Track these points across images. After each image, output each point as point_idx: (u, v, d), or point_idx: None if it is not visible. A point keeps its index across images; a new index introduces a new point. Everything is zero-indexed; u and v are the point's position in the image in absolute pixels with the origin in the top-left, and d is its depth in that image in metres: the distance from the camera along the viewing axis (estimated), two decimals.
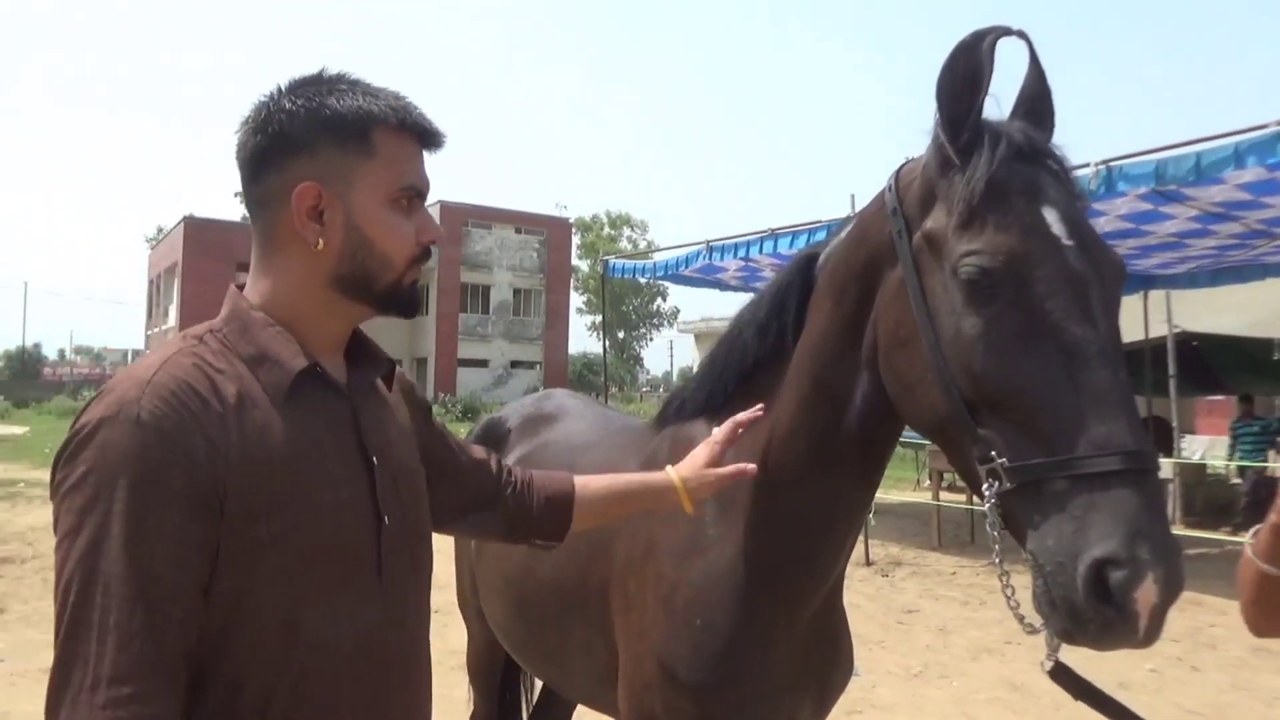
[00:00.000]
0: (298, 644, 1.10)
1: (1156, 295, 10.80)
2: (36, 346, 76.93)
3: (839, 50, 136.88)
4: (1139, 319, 11.08)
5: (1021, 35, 1.35)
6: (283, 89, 1.21)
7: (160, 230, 56.24)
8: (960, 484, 13.27)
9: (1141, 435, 1.15)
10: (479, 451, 1.63)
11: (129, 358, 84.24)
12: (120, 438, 1.01)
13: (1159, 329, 11.50)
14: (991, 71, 1.30)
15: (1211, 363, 13.60)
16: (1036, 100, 1.42)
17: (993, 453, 1.23)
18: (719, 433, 1.67)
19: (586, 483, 1.66)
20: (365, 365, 1.32)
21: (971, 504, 11.56)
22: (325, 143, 1.18)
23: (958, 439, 1.30)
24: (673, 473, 1.65)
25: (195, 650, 1.05)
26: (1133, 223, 7.74)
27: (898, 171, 1.51)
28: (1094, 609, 1.10)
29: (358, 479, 1.19)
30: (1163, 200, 7.08)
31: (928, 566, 9.38)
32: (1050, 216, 1.27)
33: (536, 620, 2.22)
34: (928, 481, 11.41)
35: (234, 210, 56.39)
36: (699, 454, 1.66)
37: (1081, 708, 1.36)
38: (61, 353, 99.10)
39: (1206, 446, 18.84)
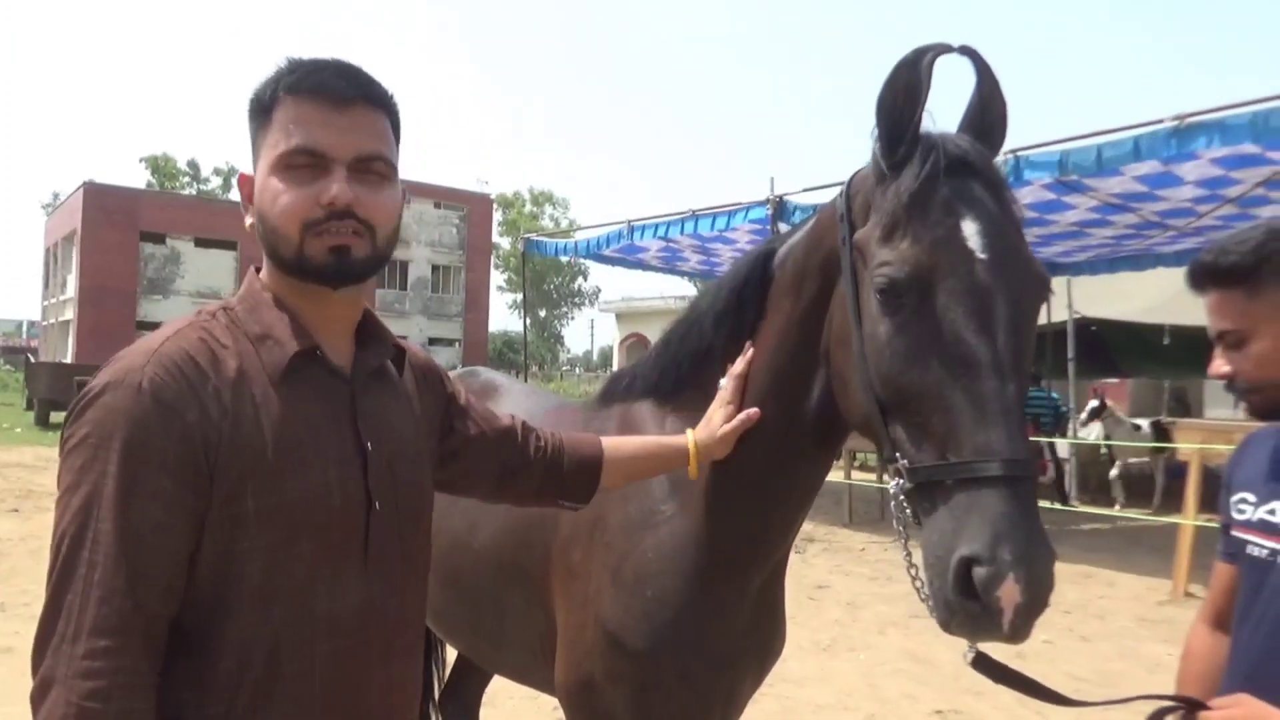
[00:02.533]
0: (273, 618, 1.13)
1: (1058, 282, 11.23)
2: None
3: (759, 32, 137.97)
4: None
5: (965, 51, 1.39)
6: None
7: (57, 196, 53.42)
8: (871, 463, 13.65)
9: (1020, 443, 1.22)
10: (505, 419, 1.65)
11: (24, 329, 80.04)
12: (121, 402, 1.06)
13: (1060, 314, 11.98)
14: (929, 87, 1.35)
15: (1108, 347, 14.25)
16: (987, 113, 1.45)
17: (897, 452, 1.31)
18: (727, 391, 1.71)
19: (612, 444, 1.71)
20: (371, 348, 1.33)
21: (882, 482, 11.91)
22: (251, 124, 1.22)
23: (875, 437, 1.39)
24: (690, 435, 1.70)
25: (177, 618, 1.09)
26: (1037, 211, 8.04)
27: (852, 178, 1.54)
28: (960, 604, 1.17)
29: (350, 462, 1.21)
30: (1065, 190, 7.36)
31: (839, 543, 9.63)
32: (969, 229, 1.31)
33: (470, 593, 2.22)
34: (840, 460, 11.69)
35: (138, 176, 53.98)
36: (714, 415, 1.71)
37: (980, 678, 1.42)
38: None
39: (1101, 427, 19.73)
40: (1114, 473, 12.42)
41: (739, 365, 1.72)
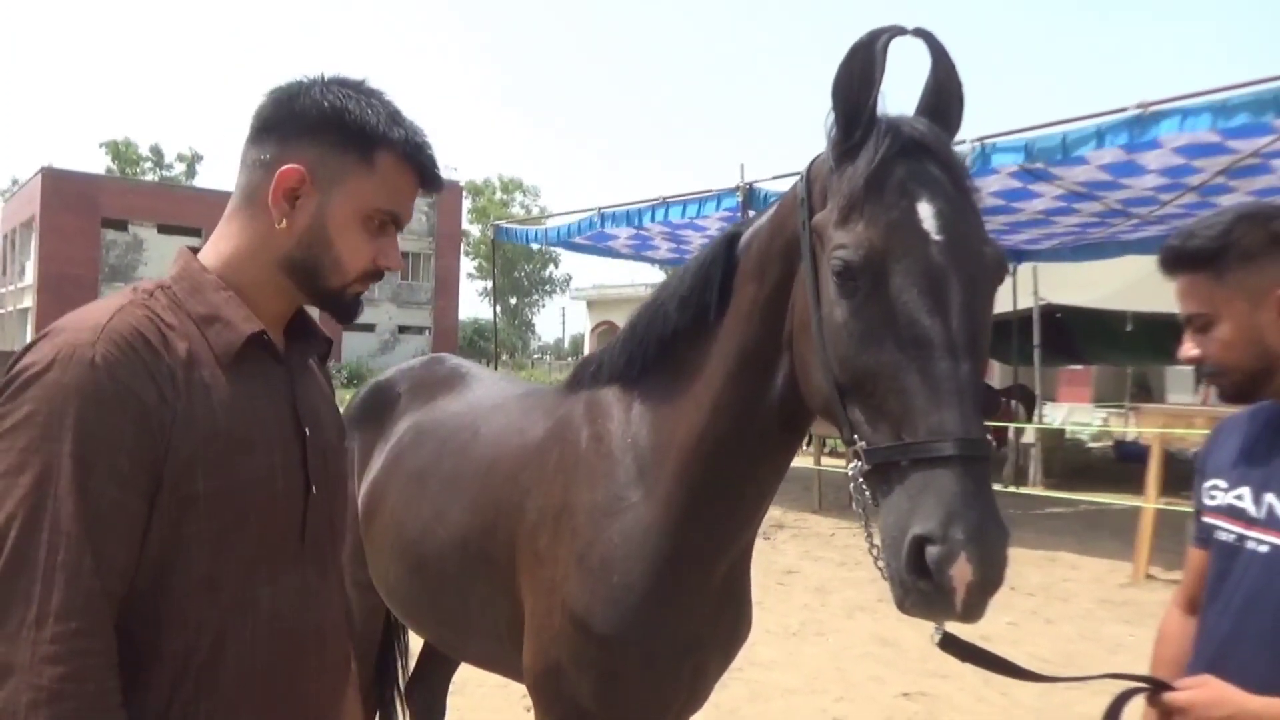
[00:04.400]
0: (219, 603, 1.13)
1: (1024, 269, 11.36)
2: None
3: (729, 18, 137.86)
4: (1008, 292, 11.65)
5: (919, 34, 1.40)
6: (325, 79, 1.26)
7: (15, 182, 52.18)
8: (841, 449, 13.72)
9: (974, 424, 1.23)
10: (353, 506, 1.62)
11: None
12: (73, 379, 1.03)
13: (1026, 301, 12.12)
14: (883, 70, 1.35)
15: (1073, 334, 14.45)
16: (943, 94, 1.45)
17: (855, 435, 1.32)
18: None
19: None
20: (303, 340, 1.36)
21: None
22: (332, 139, 1.23)
23: (835, 420, 1.40)
24: None
25: (127, 598, 1.08)
26: (1004, 199, 8.11)
27: (811, 163, 1.54)
28: (914, 582, 1.18)
29: (291, 448, 1.23)
30: (1032, 179, 7.43)
31: (808, 529, 9.70)
32: (924, 211, 1.31)
33: (435, 580, 2.21)
34: (809, 446, 11.79)
35: (97, 162, 52.91)
36: None
37: (946, 661, 1.43)
38: None
39: (1066, 413, 20.08)
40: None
41: None
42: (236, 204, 1.27)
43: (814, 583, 7.34)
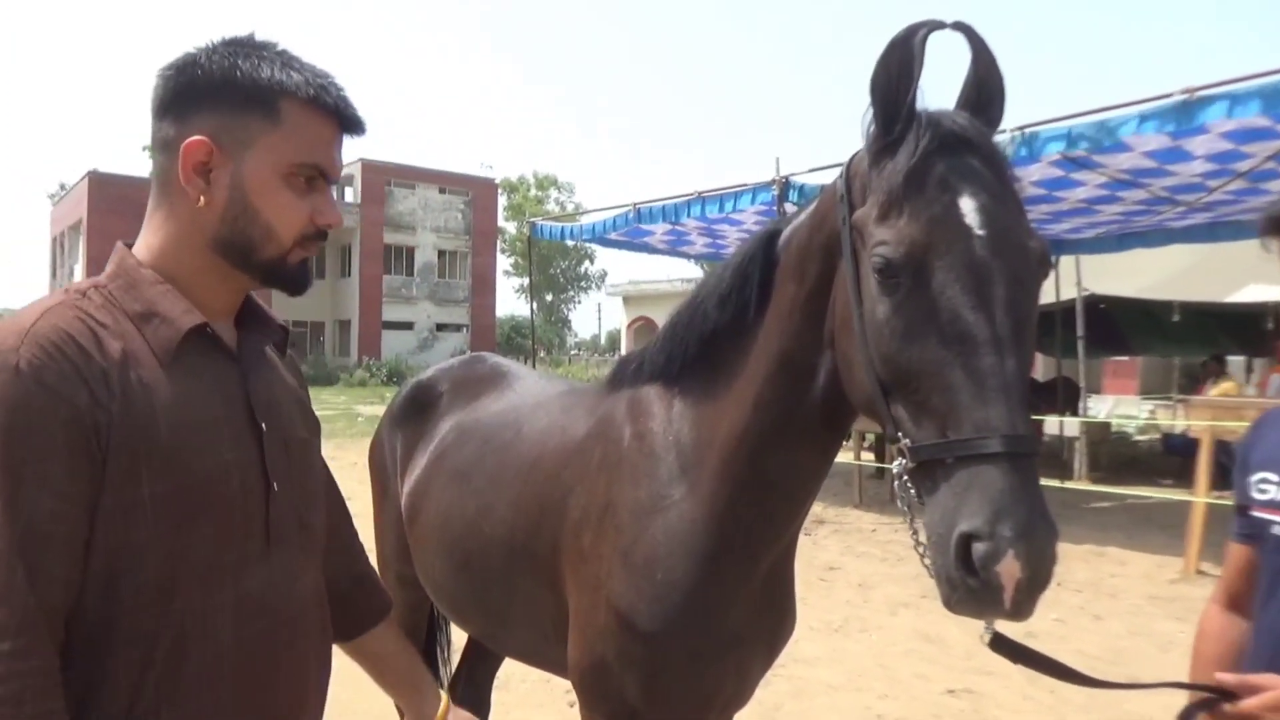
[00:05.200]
0: (174, 606, 1.09)
1: (1067, 260, 11.16)
2: None
3: (764, 10, 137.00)
4: (1050, 282, 11.45)
5: (959, 27, 1.38)
6: (212, 44, 1.19)
7: (63, 186, 53.39)
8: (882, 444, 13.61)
9: (1021, 419, 1.21)
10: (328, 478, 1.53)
11: None
12: None
13: (1069, 292, 11.91)
14: (922, 64, 1.34)
15: (1118, 324, 14.18)
16: (984, 89, 1.43)
17: (899, 432, 1.31)
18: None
19: (396, 630, 1.60)
20: (256, 331, 1.31)
21: (886, 464, 11.85)
22: (229, 102, 1.16)
23: (879, 418, 1.39)
24: (445, 697, 1.57)
25: (74, 611, 1.03)
26: (1046, 189, 7.97)
27: (851, 159, 1.54)
28: (962, 580, 1.17)
29: (246, 444, 1.19)
30: (1074, 167, 7.29)
31: (849, 525, 9.64)
32: (966, 206, 1.29)
33: (480, 577, 2.23)
34: (849, 442, 11.70)
35: (142, 165, 53.93)
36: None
37: (991, 657, 1.41)
38: None
39: (1112, 405, 19.71)
40: None
41: None
42: (155, 195, 1.22)
43: (856, 579, 7.29)
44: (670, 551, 1.77)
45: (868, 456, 11.39)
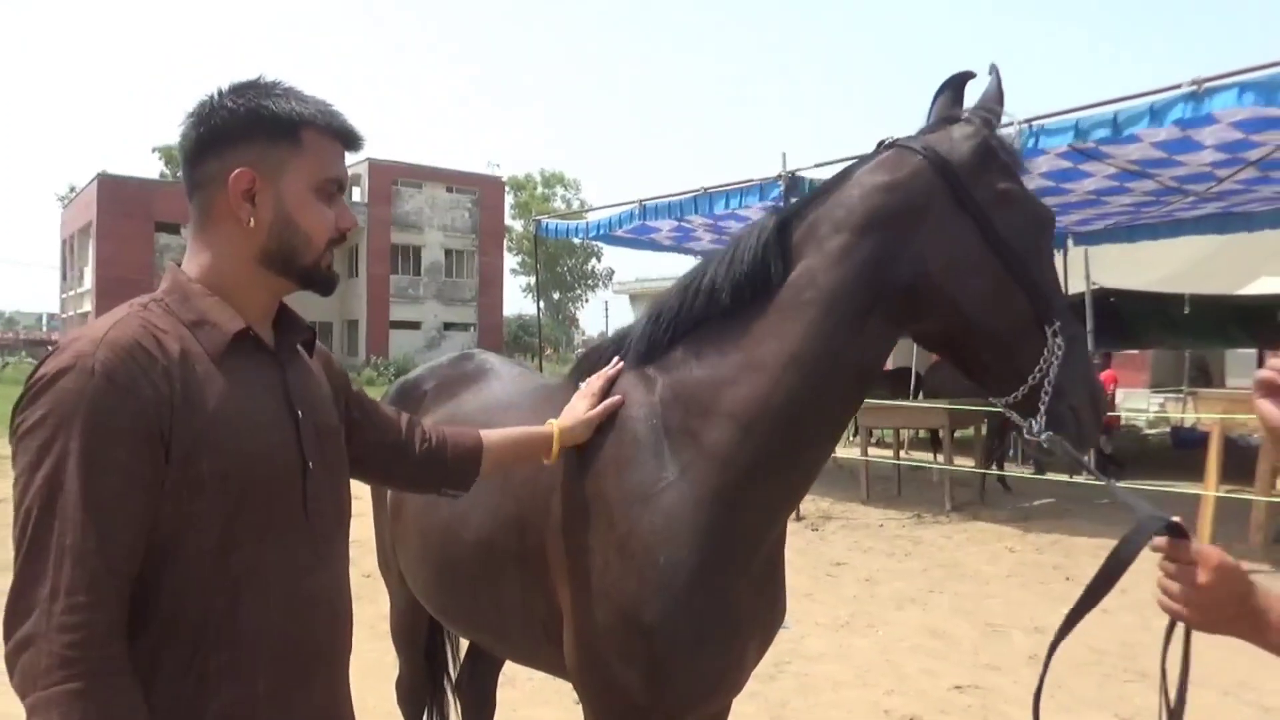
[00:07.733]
0: (230, 574, 1.28)
1: (1075, 252, 11.09)
2: None
3: (769, 6, 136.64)
4: (1059, 275, 11.37)
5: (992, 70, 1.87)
6: (223, 90, 1.39)
7: (73, 188, 53.70)
8: (887, 440, 13.56)
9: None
10: (391, 412, 1.83)
11: (44, 321, 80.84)
12: (76, 385, 1.18)
13: (1077, 284, 11.84)
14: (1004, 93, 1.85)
15: (1127, 317, 14.09)
16: (996, 104, 1.83)
17: (1058, 323, 1.71)
18: (594, 386, 1.94)
19: (489, 435, 1.90)
20: (289, 332, 1.50)
21: (898, 459, 11.86)
22: (261, 136, 1.37)
23: (1028, 343, 1.70)
24: (554, 423, 1.89)
25: (139, 577, 1.22)
26: (1053, 180, 7.93)
27: (924, 142, 1.78)
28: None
29: (285, 428, 1.38)
30: (1082, 158, 7.25)
31: (856, 520, 9.60)
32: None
33: (465, 584, 2.19)
34: (856, 437, 11.65)
35: (151, 167, 54.23)
36: (579, 403, 1.92)
37: (999, 653, 1.39)
38: None
39: (1121, 399, 19.60)
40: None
41: (610, 370, 1.95)
42: (199, 223, 1.41)
43: (863, 574, 7.26)
44: (672, 534, 1.74)
45: (875, 452, 11.36)
